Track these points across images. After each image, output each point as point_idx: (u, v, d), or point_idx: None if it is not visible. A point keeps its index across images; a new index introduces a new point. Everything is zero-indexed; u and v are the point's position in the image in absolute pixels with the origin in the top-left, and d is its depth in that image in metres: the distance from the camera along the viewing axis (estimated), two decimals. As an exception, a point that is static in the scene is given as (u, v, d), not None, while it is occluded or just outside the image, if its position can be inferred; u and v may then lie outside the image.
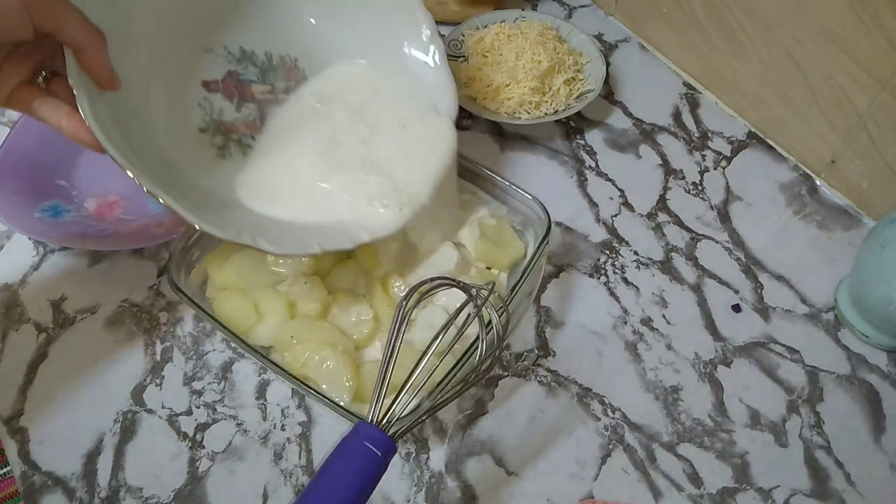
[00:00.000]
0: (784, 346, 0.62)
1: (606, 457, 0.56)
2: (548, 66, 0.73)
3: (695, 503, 0.54)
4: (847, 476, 0.55)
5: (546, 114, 0.73)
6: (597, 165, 0.74)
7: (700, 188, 0.72)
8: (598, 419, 0.58)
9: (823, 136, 0.68)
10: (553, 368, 0.60)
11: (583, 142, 0.75)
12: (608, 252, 0.67)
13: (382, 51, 0.62)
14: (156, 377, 0.60)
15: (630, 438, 0.57)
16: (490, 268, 0.61)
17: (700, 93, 0.79)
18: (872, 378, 0.60)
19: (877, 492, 0.55)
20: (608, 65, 0.80)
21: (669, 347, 0.62)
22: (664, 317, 0.63)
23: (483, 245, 0.60)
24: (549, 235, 0.57)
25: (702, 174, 0.73)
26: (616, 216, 0.70)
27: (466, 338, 0.52)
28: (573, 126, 0.77)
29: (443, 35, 0.82)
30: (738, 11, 0.69)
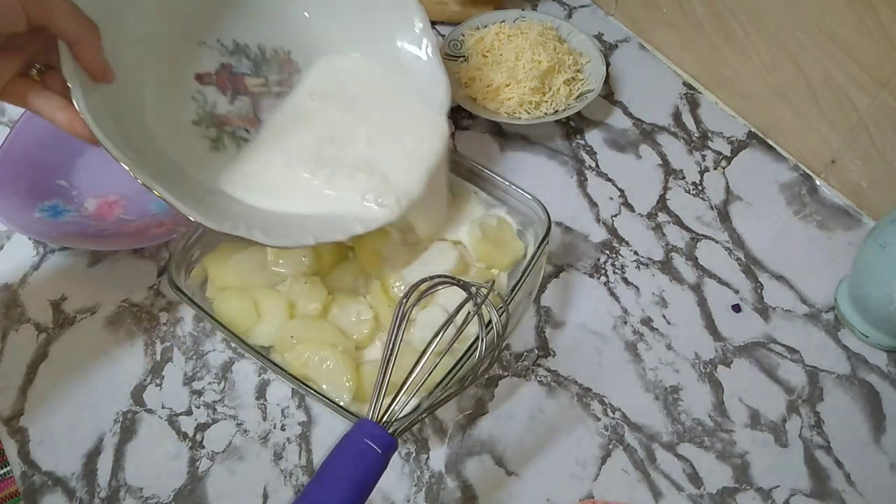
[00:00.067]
0: (784, 346, 0.62)
1: (606, 457, 0.56)
2: (548, 66, 0.73)
3: (695, 503, 0.54)
4: (847, 476, 0.55)
5: (546, 114, 0.73)
6: (597, 165, 0.74)
7: (700, 188, 0.72)
8: (598, 419, 0.58)
9: (823, 136, 0.68)
10: (553, 368, 0.60)
11: (583, 142, 0.75)
12: (608, 252, 0.67)
13: (375, 44, 0.62)
14: (156, 377, 0.60)
15: (630, 438, 0.57)
16: (490, 268, 0.61)
17: (700, 93, 0.79)
18: (872, 378, 0.60)
19: (877, 492, 0.55)
20: (608, 65, 0.80)
21: (669, 347, 0.62)
22: (664, 317, 0.63)
23: (483, 245, 0.60)
24: (549, 235, 0.57)
25: (702, 174, 0.73)
26: (616, 216, 0.70)
27: (467, 337, 0.52)
28: (573, 126, 0.77)
29: (443, 35, 0.83)
30: (738, 11, 0.69)
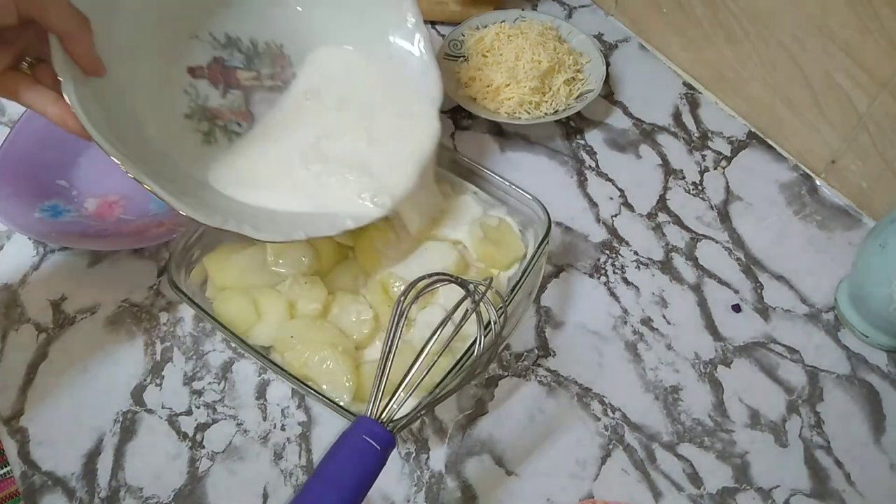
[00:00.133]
0: (784, 346, 0.62)
1: (606, 457, 0.56)
2: (548, 66, 0.73)
3: (695, 503, 0.54)
4: (847, 476, 0.55)
5: (546, 114, 0.73)
6: (597, 165, 0.74)
7: (700, 188, 0.72)
8: (598, 419, 0.58)
9: (823, 136, 0.68)
10: (553, 368, 0.60)
11: (583, 142, 0.75)
12: (608, 252, 0.67)
13: (368, 39, 0.62)
14: (156, 377, 0.60)
15: (630, 438, 0.57)
16: (490, 268, 0.61)
17: (700, 93, 0.79)
18: (872, 378, 0.60)
19: (877, 492, 0.55)
20: (608, 65, 0.80)
21: (669, 347, 0.62)
22: (664, 317, 0.63)
23: (483, 245, 0.60)
24: (549, 235, 0.57)
25: (702, 174, 0.73)
26: (616, 216, 0.70)
27: (467, 336, 0.52)
28: (573, 126, 0.77)
29: (443, 35, 0.83)
30: (738, 12, 0.69)
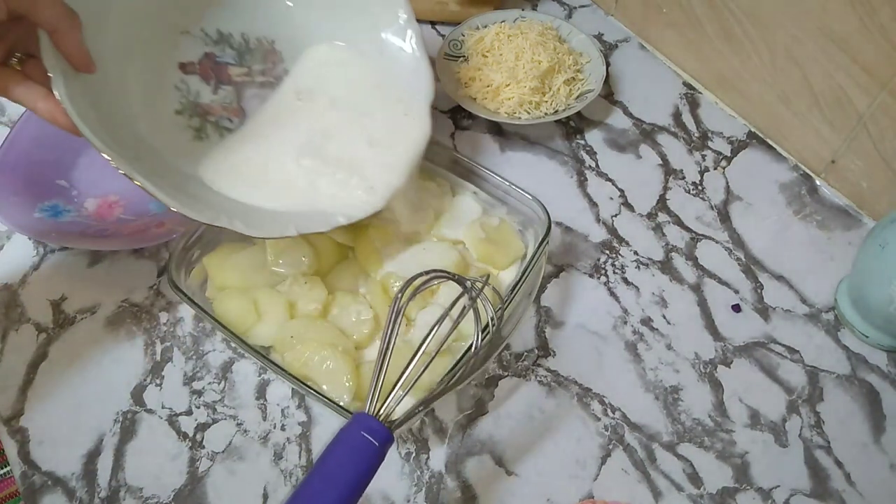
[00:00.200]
0: (784, 346, 0.62)
1: (606, 457, 0.56)
2: (548, 66, 0.73)
3: (695, 503, 0.54)
4: (847, 476, 0.55)
5: (546, 114, 0.73)
6: (597, 165, 0.74)
7: (700, 188, 0.72)
8: (598, 419, 0.58)
9: (823, 136, 0.68)
10: (553, 368, 0.60)
11: (583, 142, 0.75)
12: (608, 252, 0.67)
13: (359, 35, 0.62)
14: (156, 377, 0.60)
15: (630, 438, 0.57)
16: (490, 268, 0.61)
17: (700, 93, 0.79)
18: (872, 378, 0.60)
19: (877, 492, 0.55)
20: (608, 65, 0.80)
21: (669, 347, 0.62)
22: (664, 317, 0.63)
23: (483, 245, 0.60)
24: (549, 235, 0.57)
25: (702, 174, 0.73)
26: (616, 216, 0.70)
27: (467, 336, 0.52)
28: (573, 126, 0.77)
29: (443, 35, 0.83)
30: (739, 11, 0.69)
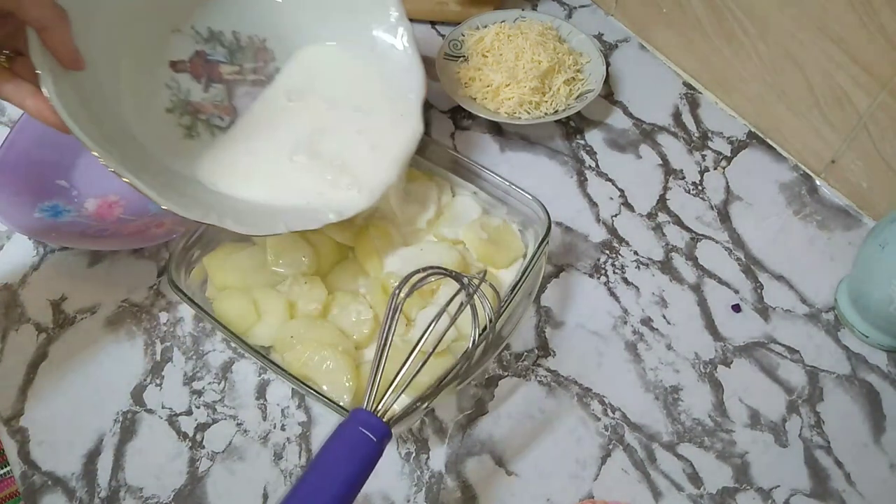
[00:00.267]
0: (784, 346, 0.62)
1: (606, 457, 0.56)
2: (548, 66, 0.73)
3: (695, 503, 0.54)
4: (847, 476, 0.55)
5: (546, 114, 0.73)
6: (597, 165, 0.74)
7: (700, 188, 0.72)
8: (598, 419, 0.58)
9: (823, 136, 0.68)
10: (553, 368, 0.60)
11: (583, 142, 0.75)
12: (608, 252, 0.67)
13: (351, 33, 0.62)
14: (156, 377, 0.60)
15: (630, 438, 0.57)
16: (490, 268, 0.61)
17: (700, 93, 0.79)
18: (872, 378, 0.60)
19: (877, 492, 0.55)
20: (608, 65, 0.80)
21: (669, 347, 0.62)
22: (664, 317, 0.63)
23: (483, 245, 0.60)
24: (549, 235, 0.57)
25: (702, 174, 0.73)
26: (616, 216, 0.70)
27: (467, 336, 0.52)
28: (573, 126, 0.77)
29: (443, 35, 0.83)
30: (738, 11, 0.69)
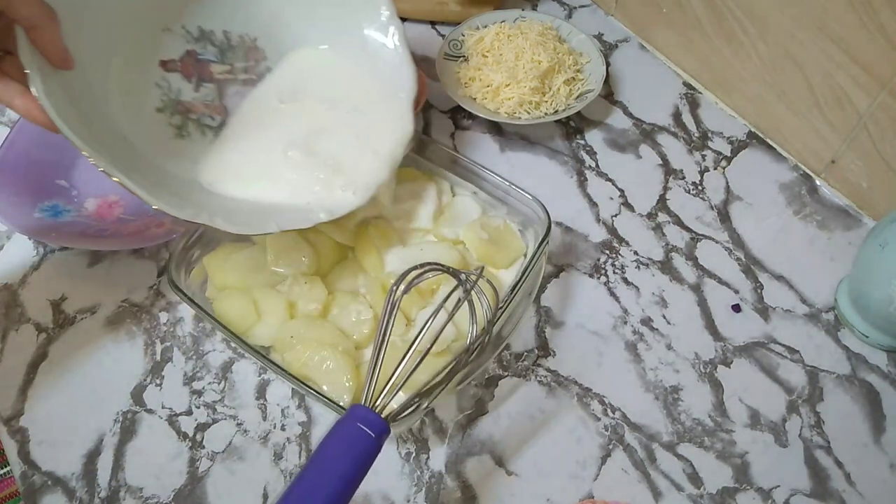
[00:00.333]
0: (784, 346, 0.62)
1: (606, 457, 0.56)
2: (548, 66, 0.73)
3: (695, 503, 0.54)
4: (847, 476, 0.55)
5: (546, 114, 0.73)
6: (597, 165, 0.74)
7: (700, 188, 0.72)
8: (598, 419, 0.58)
9: (823, 136, 0.68)
10: (553, 368, 0.60)
11: (583, 142, 0.75)
12: (608, 252, 0.67)
13: (342, 31, 0.62)
14: (156, 377, 0.60)
15: (630, 438, 0.57)
16: (490, 268, 0.61)
17: (700, 93, 0.79)
18: (872, 378, 0.60)
19: (877, 492, 0.55)
20: (608, 65, 0.80)
21: (669, 347, 0.62)
22: (664, 317, 0.63)
23: (483, 245, 0.60)
24: (549, 235, 0.57)
25: (702, 174, 0.73)
26: (616, 216, 0.70)
27: (466, 335, 0.52)
28: (573, 126, 0.77)
29: (443, 35, 0.83)
30: (738, 11, 0.69)
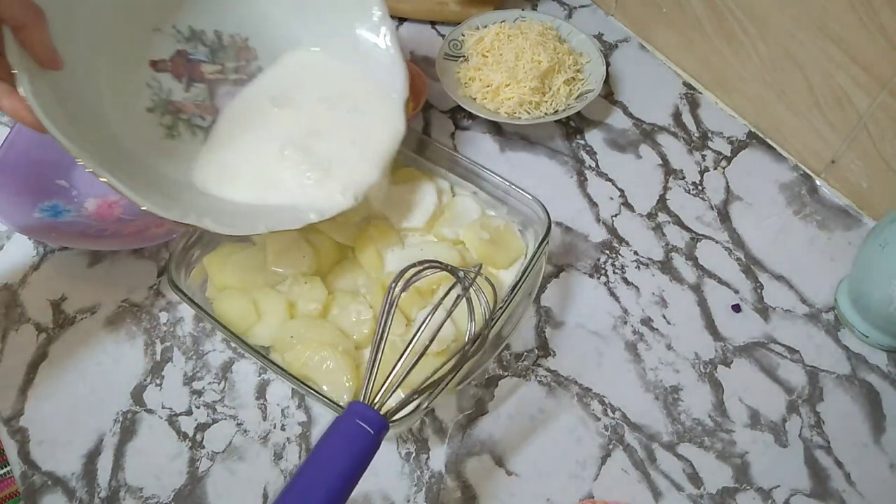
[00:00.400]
0: (784, 346, 0.62)
1: (606, 457, 0.56)
2: (548, 66, 0.73)
3: (695, 503, 0.54)
4: (847, 476, 0.55)
5: (546, 114, 0.73)
6: (597, 165, 0.74)
7: (700, 188, 0.72)
8: (598, 419, 0.58)
9: (823, 136, 0.68)
10: (553, 368, 0.60)
11: (583, 142, 0.75)
12: (608, 252, 0.67)
13: (333, 31, 0.62)
14: (156, 377, 0.60)
15: (630, 438, 0.57)
16: (490, 267, 0.61)
17: (700, 93, 0.79)
18: (872, 378, 0.60)
19: (877, 492, 0.55)
20: (608, 65, 0.80)
21: (669, 347, 0.62)
22: (664, 317, 0.63)
23: (483, 245, 0.60)
24: (549, 235, 0.57)
25: (702, 174, 0.73)
26: (616, 216, 0.70)
27: (464, 335, 0.52)
28: (573, 126, 0.77)
29: (443, 35, 0.83)
30: (738, 11, 0.69)
